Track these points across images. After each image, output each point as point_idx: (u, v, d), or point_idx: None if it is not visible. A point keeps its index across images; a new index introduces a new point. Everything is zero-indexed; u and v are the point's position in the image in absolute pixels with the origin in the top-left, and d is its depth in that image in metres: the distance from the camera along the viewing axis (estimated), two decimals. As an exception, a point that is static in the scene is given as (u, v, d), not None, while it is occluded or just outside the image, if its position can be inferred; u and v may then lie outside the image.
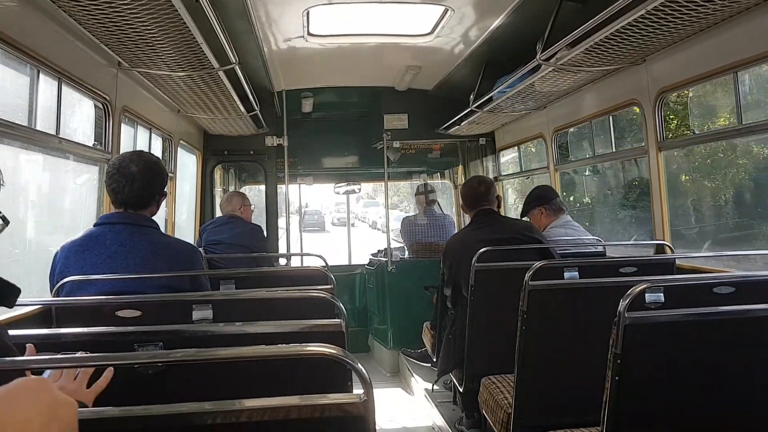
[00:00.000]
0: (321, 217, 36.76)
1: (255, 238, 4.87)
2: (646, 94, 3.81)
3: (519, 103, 5.02)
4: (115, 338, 1.87)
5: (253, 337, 1.85)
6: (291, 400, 1.19)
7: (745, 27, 2.92)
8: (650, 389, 1.87)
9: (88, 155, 3.46)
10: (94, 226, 2.60)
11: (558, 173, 5.46)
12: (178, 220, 5.40)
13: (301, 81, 6.21)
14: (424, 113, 6.67)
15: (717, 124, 5.44)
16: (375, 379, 6.03)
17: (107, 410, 1.20)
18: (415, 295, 5.98)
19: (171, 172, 4.98)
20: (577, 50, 3.36)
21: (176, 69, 3.56)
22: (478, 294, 3.36)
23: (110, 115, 3.58)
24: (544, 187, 4.72)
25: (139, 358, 1.41)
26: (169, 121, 4.83)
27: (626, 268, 3.17)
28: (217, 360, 1.25)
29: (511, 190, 7.24)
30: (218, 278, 3.05)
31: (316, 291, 2.12)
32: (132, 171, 2.53)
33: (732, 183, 7.08)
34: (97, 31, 2.98)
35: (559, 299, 2.63)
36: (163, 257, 2.54)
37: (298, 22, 4.26)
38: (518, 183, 7.03)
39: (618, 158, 4.84)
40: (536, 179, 6.07)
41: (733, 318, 1.89)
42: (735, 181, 7.07)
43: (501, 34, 4.34)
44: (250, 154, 6.57)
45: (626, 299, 1.80)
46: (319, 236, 28.06)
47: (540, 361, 2.63)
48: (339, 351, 1.22)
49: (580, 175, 8.07)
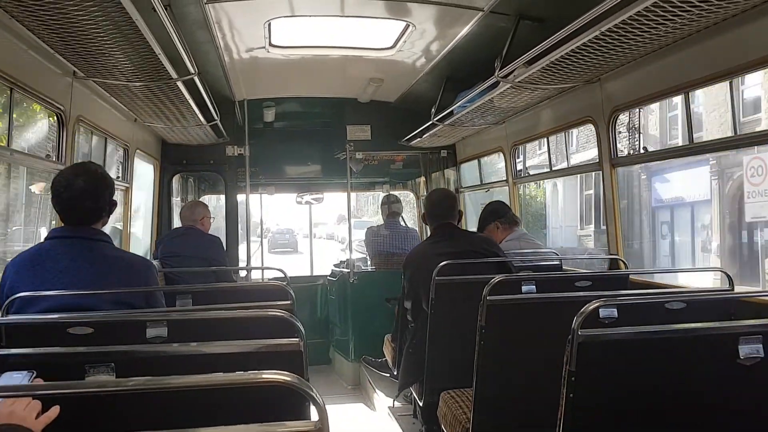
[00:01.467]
0: (293, 237, 34.04)
1: (214, 250, 4.80)
2: (600, 112, 3.91)
3: (479, 118, 5.09)
4: (66, 359, 1.81)
5: (208, 358, 1.82)
6: (242, 429, 1.17)
7: (696, 48, 3.02)
8: (604, 406, 1.91)
9: (42, 167, 3.37)
10: (45, 240, 2.54)
11: (516, 186, 5.55)
12: (134, 232, 5.29)
13: (263, 91, 6.17)
14: (387, 125, 6.70)
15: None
16: (336, 393, 6.04)
17: None
18: (377, 307, 5.97)
19: (127, 182, 4.88)
20: (534, 68, 3.43)
21: (133, 79, 3.50)
22: (438, 308, 3.38)
23: (64, 125, 3.49)
24: (498, 202, 4.81)
25: (89, 386, 1.38)
26: (125, 131, 4.74)
27: (582, 282, 3.23)
28: (168, 389, 1.23)
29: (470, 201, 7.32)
30: (175, 293, 2.99)
31: (275, 310, 2.09)
32: (79, 186, 2.46)
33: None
34: (51, 40, 2.92)
35: (516, 314, 2.67)
36: (116, 272, 2.49)
37: (260, 33, 4.24)
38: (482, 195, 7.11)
39: (574, 173, 4.95)
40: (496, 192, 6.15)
41: (685, 335, 1.94)
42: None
43: (461, 50, 4.40)
44: (210, 164, 6.48)
45: (579, 317, 1.83)
46: (291, 258, 25.53)
47: (498, 376, 2.65)
48: (293, 378, 1.21)
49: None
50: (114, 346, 1.82)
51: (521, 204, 5.64)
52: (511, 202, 5.50)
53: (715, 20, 2.71)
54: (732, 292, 2.91)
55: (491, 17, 3.71)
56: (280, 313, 2.02)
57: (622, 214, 3.96)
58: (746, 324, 1.94)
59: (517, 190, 5.55)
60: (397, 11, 3.93)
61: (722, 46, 2.86)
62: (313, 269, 8.29)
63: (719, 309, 2.71)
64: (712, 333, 1.92)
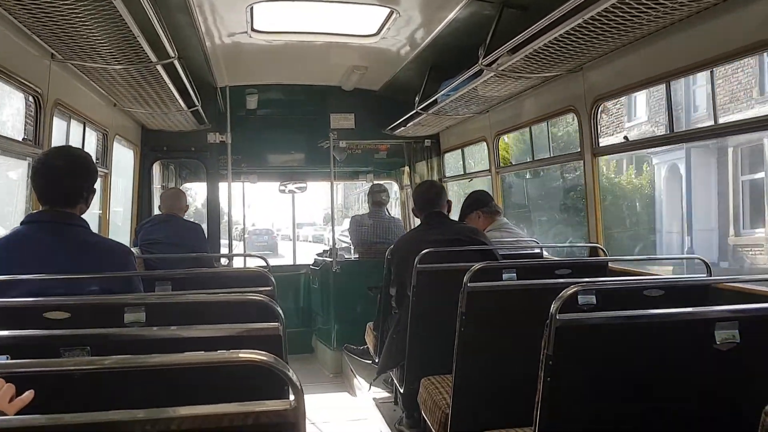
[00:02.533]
0: (272, 239, 29.59)
1: (195, 237, 4.76)
2: (582, 102, 3.93)
3: (462, 107, 5.09)
4: (40, 341, 1.79)
5: (187, 342, 1.80)
6: (217, 408, 1.17)
7: (677, 37, 3.05)
8: (581, 390, 1.93)
9: (17, 150, 3.31)
10: (21, 225, 2.49)
11: (499, 176, 5.57)
12: (114, 218, 5.22)
13: (245, 77, 6.11)
14: (371, 113, 6.68)
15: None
16: (318, 381, 6.05)
17: (35, 418, 1.16)
18: (360, 296, 5.98)
19: (106, 168, 4.81)
20: (517, 57, 3.43)
21: (112, 62, 3.45)
22: (420, 295, 3.38)
23: (42, 108, 3.43)
24: (480, 191, 4.82)
25: (66, 365, 1.36)
26: (104, 116, 4.67)
27: (562, 269, 3.26)
28: (145, 368, 1.22)
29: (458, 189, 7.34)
30: (154, 279, 2.96)
31: (254, 294, 2.08)
32: (58, 166, 2.42)
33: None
34: (28, 21, 2.86)
35: (496, 301, 2.68)
36: (93, 257, 2.45)
37: (242, 17, 4.19)
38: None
39: (555, 163, 4.97)
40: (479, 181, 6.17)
41: (662, 321, 1.96)
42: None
43: (445, 38, 4.39)
44: (191, 151, 6.42)
45: (557, 302, 1.84)
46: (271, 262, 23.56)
47: (477, 362, 2.67)
48: (269, 357, 1.20)
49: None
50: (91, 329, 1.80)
51: (503, 194, 5.65)
52: (493, 191, 5.52)
53: (698, 9, 2.73)
54: (709, 279, 2.96)
55: (475, 4, 3.70)
56: (259, 297, 2.01)
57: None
58: (722, 309, 1.97)
59: (499, 180, 5.56)
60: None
61: (704, 35, 2.89)
62: (295, 259, 8.27)
63: (697, 295, 2.75)
64: (688, 318, 1.94)
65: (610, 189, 15.13)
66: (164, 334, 1.83)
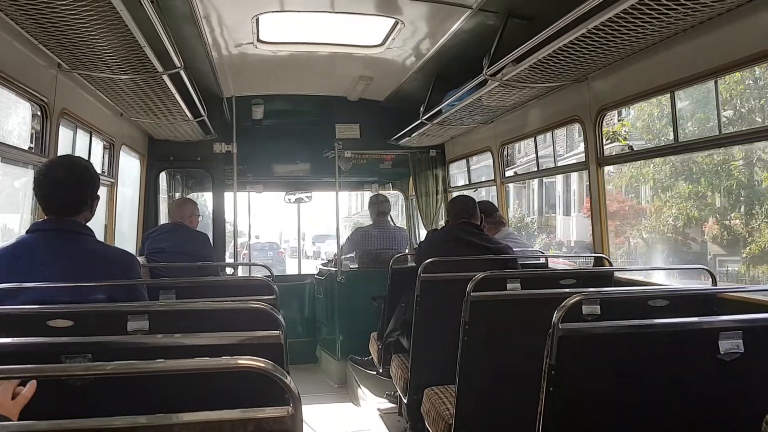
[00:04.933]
0: (278, 255, 26.10)
1: (201, 246, 4.76)
2: (587, 111, 3.93)
3: (467, 117, 5.10)
4: (41, 349, 1.79)
5: (188, 350, 1.80)
6: (218, 414, 1.17)
7: (682, 47, 3.05)
8: (584, 400, 1.91)
9: (24, 159, 3.33)
10: (26, 233, 2.50)
11: (504, 186, 5.56)
12: (120, 227, 5.25)
13: (251, 88, 6.15)
14: (376, 124, 6.70)
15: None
16: (322, 391, 6.02)
17: (36, 424, 1.16)
18: (364, 306, 5.96)
19: (112, 177, 4.84)
20: (522, 66, 3.44)
21: (118, 72, 3.47)
22: (423, 305, 3.38)
23: (48, 117, 3.46)
24: (485, 202, 4.83)
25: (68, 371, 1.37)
26: (111, 125, 4.70)
27: (566, 279, 3.24)
28: (145, 374, 1.22)
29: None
30: (158, 287, 2.97)
31: (256, 302, 2.08)
32: (59, 176, 2.44)
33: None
34: (35, 31, 2.89)
35: (500, 310, 2.68)
36: (98, 265, 2.46)
37: (248, 28, 4.23)
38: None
39: (561, 172, 4.97)
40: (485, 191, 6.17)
41: (666, 330, 1.95)
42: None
43: (450, 48, 4.41)
44: (197, 161, 6.44)
45: (560, 311, 1.83)
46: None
47: (481, 372, 2.66)
48: (267, 364, 1.21)
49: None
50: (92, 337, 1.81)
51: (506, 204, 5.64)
52: (498, 201, 5.51)
53: (701, 19, 2.73)
54: (714, 289, 2.94)
55: (480, 15, 3.72)
56: (261, 305, 2.01)
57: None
58: (726, 319, 1.96)
59: (504, 190, 5.56)
60: (386, 8, 3.93)
61: (708, 45, 2.89)
62: (300, 268, 8.26)
63: (701, 305, 2.73)
64: (692, 328, 1.93)
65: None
66: (166, 342, 1.83)
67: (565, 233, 23.03)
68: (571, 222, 22.76)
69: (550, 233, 24.06)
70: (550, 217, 24.51)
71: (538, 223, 24.12)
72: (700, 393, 1.94)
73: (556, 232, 23.86)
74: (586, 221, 20.96)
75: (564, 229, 23.17)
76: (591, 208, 4.03)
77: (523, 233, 22.46)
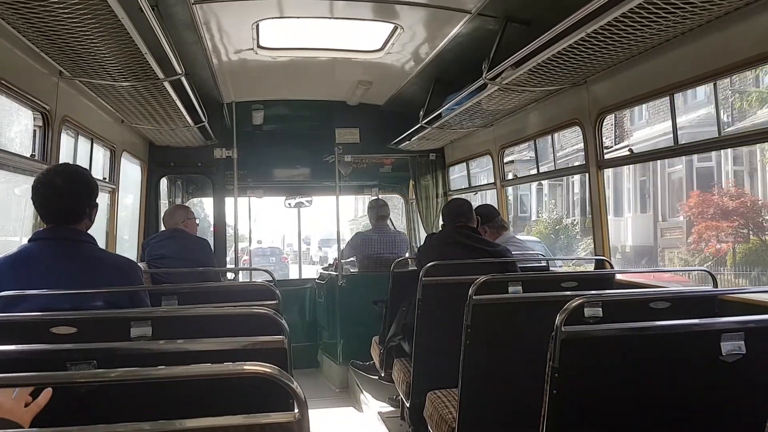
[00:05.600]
0: (281, 261, 24.87)
1: (201, 251, 4.77)
2: (586, 114, 3.94)
3: (467, 120, 5.11)
4: (46, 356, 1.79)
5: (192, 355, 1.80)
6: (223, 420, 1.17)
7: (681, 50, 3.06)
8: (587, 402, 1.92)
9: (25, 166, 3.34)
10: (28, 242, 2.51)
11: (504, 189, 5.57)
12: (121, 234, 5.25)
13: (251, 93, 6.16)
14: (376, 128, 6.71)
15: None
16: (324, 395, 6.02)
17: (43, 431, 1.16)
18: (366, 310, 5.96)
19: (113, 183, 4.85)
20: (521, 70, 3.45)
21: (120, 79, 3.49)
22: (425, 308, 3.38)
23: (50, 125, 3.47)
24: (486, 206, 4.84)
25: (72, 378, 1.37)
26: (112, 132, 4.72)
27: (567, 282, 3.25)
28: (150, 380, 1.22)
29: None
30: (160, 294, 2.97)
31: (259, 307, 2.09)
32: (57, 184, 2.44)
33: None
34: (37, 39, 2.90)
35: (502, 314, 2.68)
36: (100, 272, 2.46)
37: (248, 34, 4.24)
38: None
39: (561, 175, 4.98)
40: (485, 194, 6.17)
41: (668, 332, 1.96)
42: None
43: (449, 52, 4.42)
44: (198, 166, 6.46)
45: (563, 314, 1.84)
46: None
47: (483, 375, 2.66)
48: (273, 369, 1.21)
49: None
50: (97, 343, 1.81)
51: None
52: (499, 205, 5.52)
53: (699, 22, 2.74)
54: (715, 290, 2.94)
55: (479, 19, 3.73)
56: (263, 310, 2.02)
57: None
58: (728, 321, 1.97)
59: (504, 193, 5.57)
60: (385, 13, 3.94)
61: (707, 48, 2.90)
62: (301, 272, 8.27)
63: (703, 307, 2.74)
64: (694, 330, 1.93)
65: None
66: (170, 348, 1.83)
67: (616, 237, 19.44)
68: (624, 224, 19.97)
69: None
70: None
71: (580, 225, 20.62)
72: (702, 395, 1.94)
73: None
74: (646, 222, 18.78)
75: (615, 231, 19.24)
76: (591, 210, 4.04)
77: (561, 237, 20.41)
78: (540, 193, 25.47)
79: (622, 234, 19.76)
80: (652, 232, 18.87)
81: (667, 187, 18.76)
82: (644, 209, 19.76)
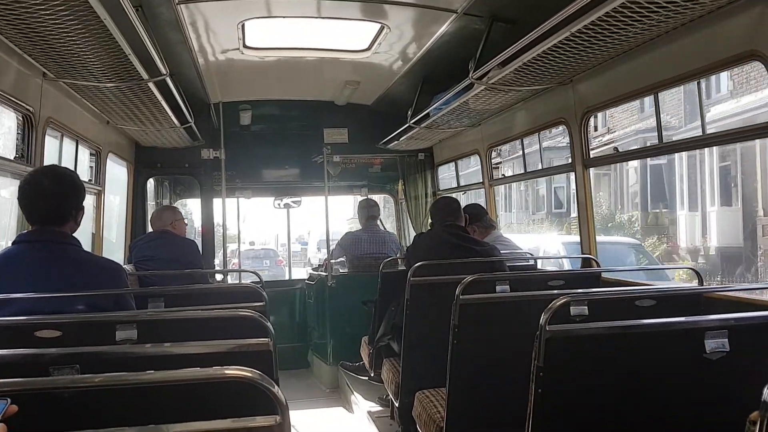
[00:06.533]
0: (277, 265, 23.65)
1: (189, 253, 4.75)
2: (572, 113, 3.96)
3: (455, 120, 5.13)
4: (29, 360, 1.78)
5: (177, 359, 1.79)
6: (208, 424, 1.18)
7: (665, 49, 3.08)
8: (572, 401, 1.93)
9: (9, 169, 3.31)
10: (12, 245, 2.49)
11: (492, 189, 5.59)
12: (108, 235, 5.22)
13: (238, 93, 6.14)
14: (364, 128, 6.70)
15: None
16: (314, 396, 6.01)
17: None
18: (356, 310, 5.95)
19: (99, 185, 4.81)
20: (507, 70, 3.46)
21: (104, 80, 3.47)
22: (414, 308, 3.38)
23: (33, 126, 3.44)
24: (475, 205, 4.85)
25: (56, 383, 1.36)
26: (97, 133, 4.68)
27: (554, 281, 3.26)
28: (133, 385, 1.22)
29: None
30: (146, 296, 2.96)
31: (245, 309, 2.08)
32: (44, 186, 2.42)
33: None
34: (20, 41, 2.88)
35: (489, 313, 2.69)
36: (86, 275, 2.45)
37: (233, 34, 4.22)
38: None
39: (548, 174, 5.00)
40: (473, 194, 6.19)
41: (653, 330, 1.97)
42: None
43: (436, 52, 4.43)
44: (185, 167, 6.42)
45: (547, 313, 1.85)
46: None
47: (471, 375, 2.67)
48: (255, 374, 1.21)
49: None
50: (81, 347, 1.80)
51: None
52: (487, 204, 5.53)
53: (683, 21, 2.76)
54: (700, 288, 2.97)
55: (465, 19, 3.74)
56: (249, 313, 2.01)
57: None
58: (712, 319, 1.98)
59: (493, 193, 5.58)
60: (372, 13, 3.94)
61: (691, 46, 2.92)
62: (290, 273, 8.25)
63: (688, 305, 2.76)
64: (678, 328, 1.95)
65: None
66: (154, 351, 1.82)
67: (692, 236, 16.38)
68: (705, 220, 16.13)
69: (663, 237, 17.20)
70: (661, 214, 17.75)
71: (641, 221, 17.84)
72: (687, 392, 1.96)
73: (677, 235, 17.21)
74: (735, 217, 14.89)
75: (690, 230, 16.54)
76: (578, 208, 4.06)
77: (617, 235, 16.68)
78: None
79: (698, 233, 16.53)
80: (741, 230, 15.14)
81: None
82: (728, 201, 15.78)
